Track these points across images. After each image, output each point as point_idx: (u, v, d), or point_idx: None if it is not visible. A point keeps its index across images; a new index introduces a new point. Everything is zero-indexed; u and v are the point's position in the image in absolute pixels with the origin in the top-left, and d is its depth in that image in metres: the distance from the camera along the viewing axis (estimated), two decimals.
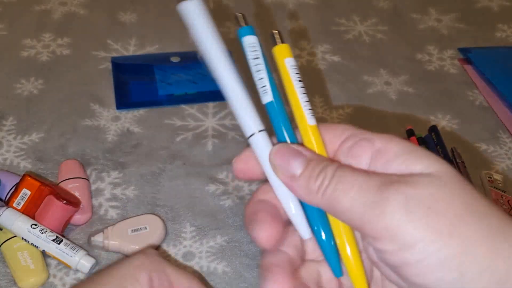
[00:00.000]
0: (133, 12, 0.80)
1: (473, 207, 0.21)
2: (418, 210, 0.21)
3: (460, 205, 0.21)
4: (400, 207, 0.21)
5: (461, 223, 0.21)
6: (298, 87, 0.27)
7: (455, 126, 0.63)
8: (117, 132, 0.58)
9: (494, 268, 0.20)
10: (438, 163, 0.22)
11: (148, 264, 0.35)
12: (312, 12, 0.84)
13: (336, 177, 0.23)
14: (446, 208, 0.21)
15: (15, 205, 0.44)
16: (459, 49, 0.77)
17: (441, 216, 0.21)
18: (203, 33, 0.26)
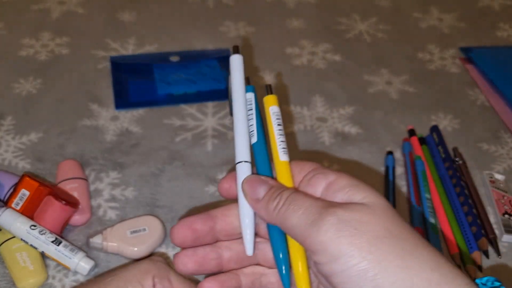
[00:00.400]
0: (132, 11, 0.79)
1: (392, 231, 0.26)
2: (346, 229, 0.26)
3: (381, 228, 0.26)
4: (332, 226, 0.26)
5: (379, 243, 0.26)
6: (276, 129, 0.34)
7: (457, 126, 0.63)
8: (116, 132, 0.58)
9: (404, 280, 0.25)
10: (374, 196, 0.28)
11: (153, 269, 0.36)
12: (313, 11, 0.84)
13: (289, 199, 0.29)
14: (369, 230, 0.26)
15: (14, 205, 0.44)
16: (461, 48, 0.77)
17: (364, 236, 0.26)
18: (236, 80, 0.35)
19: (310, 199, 0.28)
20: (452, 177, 0.54)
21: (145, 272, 0.36)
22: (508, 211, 0.51)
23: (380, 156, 0.57)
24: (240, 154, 0.33)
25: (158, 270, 0.36)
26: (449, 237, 0.48)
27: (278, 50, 0.74)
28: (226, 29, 0.77)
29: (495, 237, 0.48)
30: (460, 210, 0.50)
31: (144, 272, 0.36)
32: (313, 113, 0.63)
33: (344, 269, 0.26)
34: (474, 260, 0.46)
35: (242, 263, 0.34)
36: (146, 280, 0.35)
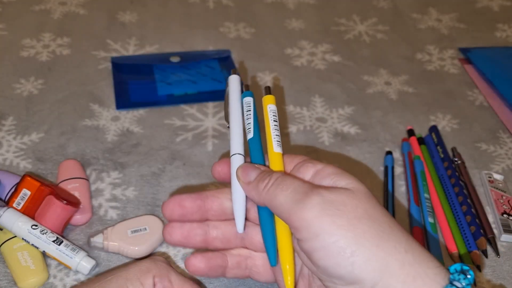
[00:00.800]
0: (133, 12, 0.79)
1: (370, 214, 0.28)
2: (329, 209, 0.28)
3: (361, 211, 0.29)
4: (317, 205, 0.29)
5: (358, 223, 0.28)
6: (272, 125, 0.38)
7: (455, 126, 0.63)
8: (117, 132, 0.58)
9: (378, 258, 0.27)
10: (356, 182, 0.31)
11: (154, 269, 0.36)
12: (312, 12, 0.84)
13: (279, 180, 0.31)
14: (350, 211, 0.28)
15: (15, 205, 0.44)
16: (460, 49, 0.77)
17: (345, 216, 0.28)
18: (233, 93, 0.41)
19: (298, 181, 0.31)
20: (451, 177, 0.54)
21: (145, 271, 0.36)
22: (507, 210, 0.52)
23: (379, 156, 0.58)
24: (235, 147, 0.37)
25: (159, 270, 0.36)
26: (448, 237, 0.49)
27: (278, 50, 0.74)
28: (226, 30, 0.78)
29: (493, 236, 0.49)
30: (459, 209, 0.51)
31: (145, 271, 0.36)
32: (313, 114, 0.63)
33: (324, 245, 0.28)
34: (473, 259, 0.46)
35: (229, 244, 0.37)
36: (146, 279, 0.35)
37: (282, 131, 0.60)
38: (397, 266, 0.27)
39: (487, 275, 0.46)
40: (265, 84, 0.67)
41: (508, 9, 0.89)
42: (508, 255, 0.48)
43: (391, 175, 0.54)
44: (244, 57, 0.72)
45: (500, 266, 0.47)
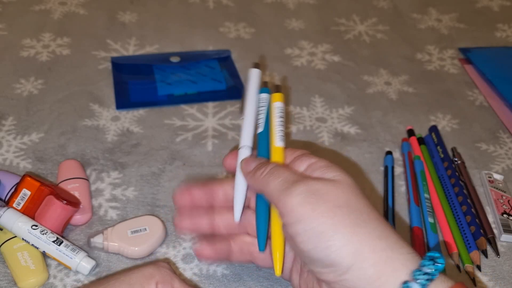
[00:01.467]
0: (133, 12, 0.80)
1: (350, 204, 0.31)
2: (312, 197, 0.31)
3: (342, 200, 0.31)
4: (302, 192, 0.31)
5: (338, 211, 0.30)
6: (278, 120, 0.41)
7: (455, 126, 0.63)
8: (117, 132, 0.58)
9: (352, 244, 0.29)
10: (343, 175, 0.33)
11: (157, 275, 0.36)
12: (312, 12, 0.84)
13: (273, 169, 0.34)
14: (331, 200, 0.31)
15: (15, 205, 0.44)
16: (459, 49, 0.77)
17: (326, 204, 0.31)
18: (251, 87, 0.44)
19: (289, 171, 0.34)
20: (451, 177, 0.54)
21: (149, 277, 0.36)
22: (506, 210, 0.52)
23: (379, 156, 0.58)
24: (244, 140, 0.40)
25: (162, 276, 0.36)
26: (448, 237, 0.49)
27: (278, 50, 0.74)
28: (226, 30, 0.78)
29: (493, 236, 0.49)
30: (459, 209, 0.51)
31: (148, 277, 0.36)
32: (313, 113, 0.63)
33: (305, 230, 0.31)
34: (472, 259, 0.46)
35: (233, 230, 0.40)
36: (149, 285, 0.35)
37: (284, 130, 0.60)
38: (370, 251, 0.29)
39: (487, 275, 0.46)
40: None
41: (508, 9, 0.89)
42: (508, 255, 0.48)
43: (391, 175, 0.54)
44: (244, 57, 0.72)
45: (500, 266, 0.47)
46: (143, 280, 0.35)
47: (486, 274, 0.46)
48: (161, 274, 0.36)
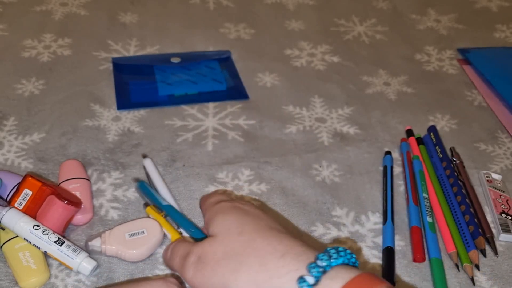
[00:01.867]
0: (134, 13, 0.80)
1: (227, 249, 0.35)
2: (198, 266, 0.35)
3: (221, 253, 0.35)
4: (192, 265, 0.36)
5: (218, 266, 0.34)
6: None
7: (454, 126, 0.63)
8: (118, 132, 0.58)
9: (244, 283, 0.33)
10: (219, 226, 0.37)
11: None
12: (312, 12, 0.84)
13: (172, 249, 0.39)
14: (212, 259, 0.35)
15: (17, 205, 0.45)
16: (458, 49, 0.77)
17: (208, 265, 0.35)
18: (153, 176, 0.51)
19: (183, 244, 0.38)
20: (450, 177, 0.54)
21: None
22: (505, 210, 0.52)
23: (378, 156, 0.58)
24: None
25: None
26: (447, 236, 0.49)
27: (278, 51, 0.74)
28: (227, 31, 0.78)
29: (492, 236, 0.49)
30: (457, 209, 0.51)
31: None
32: (312, 114, 0.63)
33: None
34: (471, 259, 0.47)
35: None
36: None
37: (282, 131, 0.60)
38: (264, 280, 0.32)
39: (486, 274, 0.46)
40: (264, 85, 0.67)
41: (506, 10, 0.90)
42: (506, 254, 0.48)
43: (390, 175, 0.54)
44: (244, 57, 0.72)
45: (499, 265, 0.47)
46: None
47: (485, 273, 0.46)
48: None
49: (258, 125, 0.61)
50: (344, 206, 0.52)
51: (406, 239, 0.49)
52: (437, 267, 0.45)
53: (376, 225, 0.50)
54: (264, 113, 0.63)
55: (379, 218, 0.51)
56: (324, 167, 0.56)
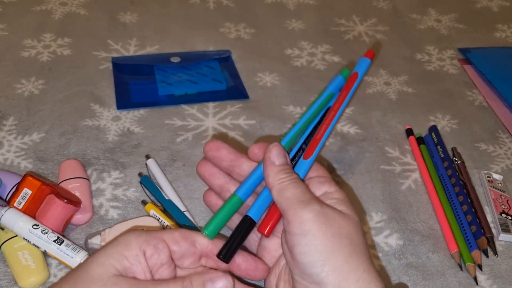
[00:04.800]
0: (134, 13, 0.80)
1: (350, 236, 0.34)
2: (323, 218, 0.34)
3: (345, 231, 0.34)
4: (315, 211, 0.34)
5: (338, 238, 0.33)
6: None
7: (455, 126, 0.63)
8: (118, 132, 0.58)
9: (342, 270, 0.33)
10: (352, 211, 0.36)
11: (134, 239, 0.34)
12: (312, 12, 0.84)
13: (295, 179, 0.36)
14: (336, 227, 0.34)
15: (16, 204, 0.45)
16: (459, 49, 0.77)
17: (333, 229, 0.33)
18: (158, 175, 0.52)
19: (308, 189, 0.36)
20: (451, 177, 0.54)
21: (125, 243, 0.33)
22: (505, 210, 0.52)
23: (378, 155, 0.58)
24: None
25: (141, 237, 0.34)
26: (449, 236, 0.49)
27: (278, 51, 0.74)
28: (227, 30, 0.78)
29: (492, 236, 0.49)
30: (459, 209, 0.51)
31: (124, 243, 0.33)
32: None
33: (307, 243, 0.33)
34: (474, 258, 0.47)
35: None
36: (129, 250, 0.33)
37: (282, 131, 0.60)
38: (354, 280, 0.33)
39: (485, 273, 0.46)
40: (264, 85, 0.67)
41: (507, 10, 0.90)
42: (506, 254, 0.48)
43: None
44: (244, 57, 0.72)
45: (498, 265, 0.47)
46: (120, 248, 0.33)
47: (485, 273, 0.46)
48: (138, 236, 0.34)
49: (258, 125, 0.61)
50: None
51: (405, 239, 0.49)
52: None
53: (377, 223, 0.50)
54: (264, 113, 0.63)
55: (381, 217, 0.51)
56: (324, 167, 0.56)
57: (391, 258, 0.47)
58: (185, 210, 0.49)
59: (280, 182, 0.36)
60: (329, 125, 0.40)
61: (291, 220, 0.34)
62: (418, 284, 0.45)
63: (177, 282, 0.33)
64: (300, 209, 0.34)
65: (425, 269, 0.46)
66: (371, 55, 0.43)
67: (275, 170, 0.36)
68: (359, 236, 0.35)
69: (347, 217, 0.35)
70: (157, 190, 0.50)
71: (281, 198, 0.35)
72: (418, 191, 0.54)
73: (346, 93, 0.42)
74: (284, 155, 0.37)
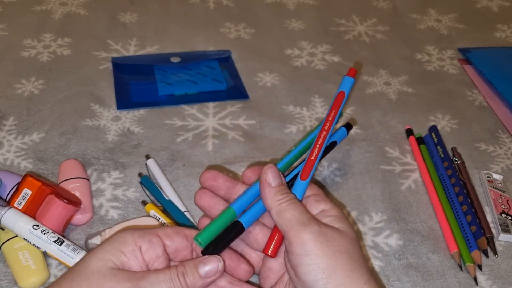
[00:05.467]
0: (134, 13, 0.80)
1: (350, 252, 0.35)
2: (323, 238, 0.35)
3: (344, 248, 0.35)
4: (315, 231, 0.35)
5: (339, 256, 0.35)
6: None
7: (455, 126, 0.63)
8: (118, 132, 0.58)
9: (345, 286, 0.34)
10: (348, 228, 0.37)
11: (130, 235, 0.35)
12: (312, 12, 0.84)
13: (293, 201, 0.37)
14: (336, 245, 0.35)
15: (16, 204, 0.45)
16: (459, 49, 0.77)
17: (332, 247, 0.35)
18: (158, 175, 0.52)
19: (305, 209, 0.37)
20: (451, 177, 0.54)
21: (122, 240, 0.34)
22: (505, 210, 0.52)
23: (378, 155, 0.58)
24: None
25: (136, 234, 0.35)
26: (449, 236, 0.49)
27: (278, 51, 0.74)
28: (227, 30, 0.78)
29: (492, 236, 0.49)
30: (459, 209, 0.51)
31: (121, 240, 0.34)
32: (313, 114, 0.63)
33: (309, 263, 0.34)
34: (473, 258, 0.47)
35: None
36: (125, 246, 0.34)
37: (282, 131, 0.60)
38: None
39: (485, 274, 0.46)
40: (264, 85, 0.67)
41: (507, 10, 0.90)
42: (506, 254, 0.48)
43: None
44: (244, 57, 0.72)
45: (498, 265, 0.47)
46: (117, 245, 0.34)
47: (484, 273, 0.46)
48: (133, 233, 0.35)
49: (258, 125, 0.61)
50: (345, 206, 0.52)
51: (405, 239, 0.49)
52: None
53: (377, 224, 0.50)
54: (264, 113, 0.63)
55: (381, 218, 0.51)
56: (325, 167, 0.56)
57: (391, 258, 0.47)
58: (185, 210, 0.49)
59: (278, 203, 0.37)
60: (322, 145, 0.41)
61: (292, 242, 0.35)
62: (418, 284, 0.45)
63: (172, 268, 0.34)
64: (300, 230, 0.35)
65: (425, 269, 0.46)
66: (353, 73, 0.44)
67: (272, 191, 0.37)
68: (357, 251, 0.36)
69: (345, 234, 0.36)
70: (157, 190, 0.50)
71: (281, 219, 0.36)
72: (418, 191, 0.54)
73: (335, 113, 0.42)
74: (279, 176, 0.38)
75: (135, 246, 0.35)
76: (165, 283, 0.33)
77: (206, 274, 0.34)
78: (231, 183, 0.41)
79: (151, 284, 0.33)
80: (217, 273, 0.35)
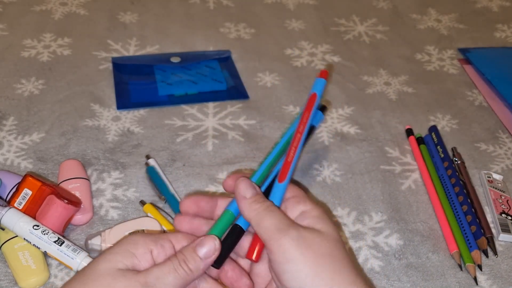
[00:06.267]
0: (134, 13, 0.80)
1: (332, 254, 0.35)
2: (303, 243, 0.34)
3: (326, 250, 0.35)
4: (294, 237, 0.34)
5: (321, 259, 0.34)
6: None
7: (455, 126, 0.63)
8: (118, 132, 0.58)
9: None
10: (330, 228, 0.36)
11: (141, 239, 0.35)
12: (312, 12, 0.84)
13: (269, 208, 0.36)
14: (317, 249, 0.34)
15: (17, 204, 0.45)
16: (459, 49, 0.77)
17: (313, 251, 0.34)
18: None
19: (284, 215, 0.37)
20: (451, 177, 0.54)
21: (133, 243, 0.35)
22: (505, 210, 0.52)
23: (378, 155, 0.58)
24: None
25: (148, 238, 0.35)
26: (449, 236, 0.49)
27: (278, 51, 0.74)
28: (227, 30, 0.78)
29: (492, 236, 0.49)
30: (459, 209, 0.51)
31: (132, 243, 0.35)
32: None
33: (293, 270, 0.34)
34: (473, 258, 0.47)
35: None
36: (137, 249, 0.34)
37: (282, 131, 0.60)
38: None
39: (485, 273, 0.46)
40: (264, 85, 0.67)
41: (507, 10, 0.90)
42: (506, 254, 0.48)
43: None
44: (244, 57, 0.72)
45: (498, 265, 0.47)
46: (129, 247, 0.34)
47: (484, 273, 0.46)
48: (145, 236, 0.35)
49: (258, 125, 0.61)
50: (345, 206, 0.52)
51: (405, 239, 0.49)
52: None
53: (378, 224, 0.50)
54: (264, 113, 0.63)
55: (381, 217, 0.51)
56: (325, 167, 0.56)
57: (391, 258, 0.47)
58: None
59: (256, 213, 0.36)
60: (297, 146, 0.40)
61: (273, 250, 0.35)
62: (418, 284, 0.45)
63: (172, 258, 0.35)
64: (279, 238, 0.34)
65: (425, 269, 0.46)
66: (325, 75, 0.43)
67: (247, 202, 0.37)
68: (341, 251, 0.36)
69: (326, 235, 0.36)
70: (160, 181, 0.50)
71: (260, 229, 0.36)
72: (418, 191, 0.54)
73: (308, 114, 0.42)
74: (252, 187, 0.38)
75: (146, 249, 0.35)
76: (170, 274, 0.34)
77: (205, 254, 0.35)
78: (213, 201, 0.40)
79: (157, 278, 0.33)
80: (215, 251, 0.35)
